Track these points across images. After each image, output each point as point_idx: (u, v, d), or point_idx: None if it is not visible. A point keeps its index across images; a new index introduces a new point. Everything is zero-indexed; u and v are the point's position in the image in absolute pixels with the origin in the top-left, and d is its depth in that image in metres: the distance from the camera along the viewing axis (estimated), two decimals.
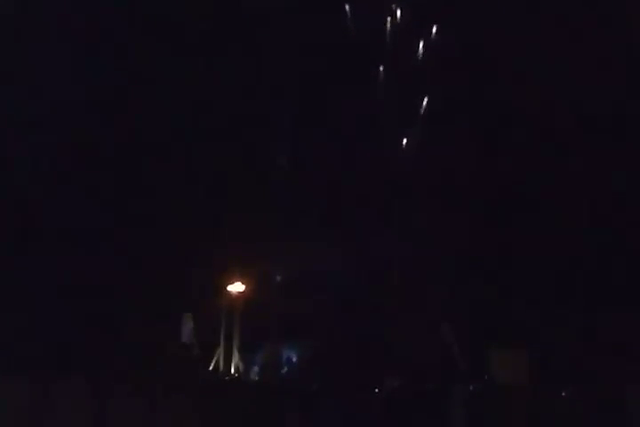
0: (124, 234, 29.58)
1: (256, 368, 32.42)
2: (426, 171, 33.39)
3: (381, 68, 33.65)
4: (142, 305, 28.91)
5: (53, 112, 28.68)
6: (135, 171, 30.76)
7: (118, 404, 22.63)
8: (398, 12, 33.73)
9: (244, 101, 32.10)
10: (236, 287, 31.69)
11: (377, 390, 29.34)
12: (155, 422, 23.37)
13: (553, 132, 31.50)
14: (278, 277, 32.54)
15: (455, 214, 32.29)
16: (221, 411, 25.51)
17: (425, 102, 33.37)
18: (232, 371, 31.41)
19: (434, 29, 33.32)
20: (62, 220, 28.04)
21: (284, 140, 33.47)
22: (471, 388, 28.13)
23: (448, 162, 32.63)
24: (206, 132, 31.66)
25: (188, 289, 30.05)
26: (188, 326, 30.88)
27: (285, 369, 32.44)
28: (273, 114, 32.73)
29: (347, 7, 33.29)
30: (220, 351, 31.20)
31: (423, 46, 33.43)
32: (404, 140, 34.16)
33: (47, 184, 28.43)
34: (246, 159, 32.40)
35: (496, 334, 30.85)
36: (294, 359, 32.72)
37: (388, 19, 33.71)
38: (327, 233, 32.43)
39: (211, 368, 31.05)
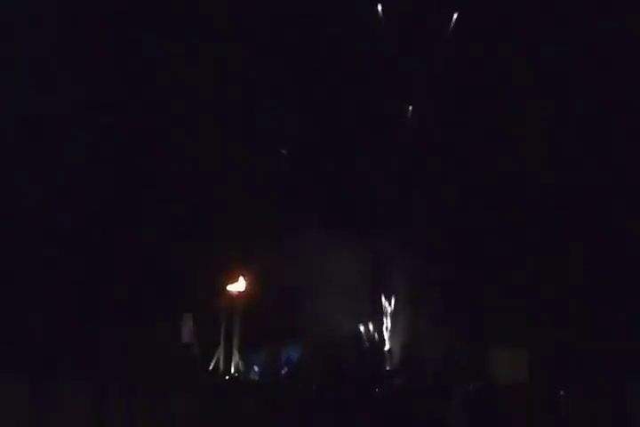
0: (124, 234, 29.58)
1: (256, 368, 32.44)
2: (427, 171, 33.40)
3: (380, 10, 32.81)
4: (142, 305, 28.90)
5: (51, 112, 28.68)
6: (134, 170, 30.76)
7: (118, 404, 22.60)
8: None
9: (244, 101, 32.14)
10: (237, 287, 31.67)
11: (377, 390, 29.33)
12: (155, 422, 23.36)
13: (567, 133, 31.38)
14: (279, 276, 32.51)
15: (455, 214, 32.29)
16: (221, 411, 25.52)
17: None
18: (232, 371, 31.40)
19: None
20: (61, 219, 28.02)
21: (284, 139, 33.49)
22: (471, 388, 28.11)
23: (450, 160, 32.68)
24: (206, 131, 31.65)
25: (188, 289, 30.03)
26: (187, 326, 30.87)
27: (285, 369, 32.44)
28: (274, 114, 32.69)
29: None
30: (220, 351, 31.19)
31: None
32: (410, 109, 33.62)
33: (46, 182, 28.42)
34: (247, 158, 32.39)
35: (496, 333, 30.87)
36: (294, 359, 32.73)
37: None
38: (328, 233, 32.45)
39: (211, 368, 31.04)
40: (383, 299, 34.87)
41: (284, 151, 33.38)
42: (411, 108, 33.80)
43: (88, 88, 29.54)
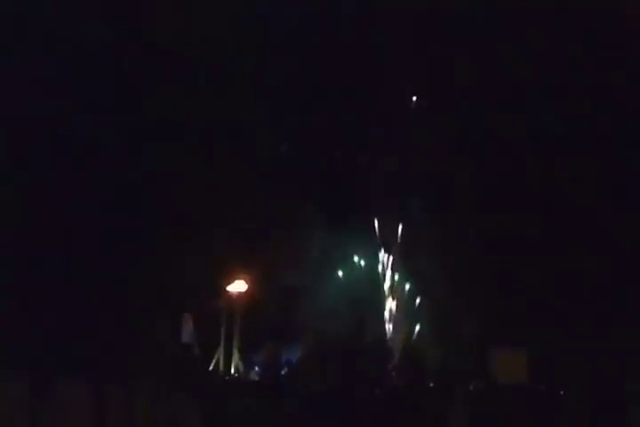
0: (125, 234, 29.57)
1: (256, 368, 32.45)
2: (430, 171, 33.41)
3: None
4: (142, 305, 28.89)
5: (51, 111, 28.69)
6: (136, 170, 30.76)
7: (118, 404, 22.61)
8: None
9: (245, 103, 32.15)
10: (237, 287, 31.69)
11: (377, 390, 29.34)
12: (155, 422, 23.37)
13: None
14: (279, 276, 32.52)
15: (457, 215, 32.31)
16: (221, 411, 25.53)
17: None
18: (232, 371, 31.42)
19: None
20: (61, 219, 28.02)
21: (285, 138, 33.50)
22: (471, 388, 28.15)
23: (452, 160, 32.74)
24: (207, 131, 31.65)
25: (189, 289, 30.04)
26: (188, 326, 30.88)
27: (285, 370, 32.45)
28: (274, 111, 32.68)
29: None
30: (220, 351, 31.21)
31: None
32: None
33: (48, 183, 28.41)
34: (248, 158, 32.40)
35: (496, 333, 30.88)
36: (294, 360, 32.73)
37: None
38: (328, 232, 32.47)
39: (211, 368, 31.05)
40: (386, 300, 34.93)
41: (283, 147, 33.38)
42: (415, 98, 33.83)
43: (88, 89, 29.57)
